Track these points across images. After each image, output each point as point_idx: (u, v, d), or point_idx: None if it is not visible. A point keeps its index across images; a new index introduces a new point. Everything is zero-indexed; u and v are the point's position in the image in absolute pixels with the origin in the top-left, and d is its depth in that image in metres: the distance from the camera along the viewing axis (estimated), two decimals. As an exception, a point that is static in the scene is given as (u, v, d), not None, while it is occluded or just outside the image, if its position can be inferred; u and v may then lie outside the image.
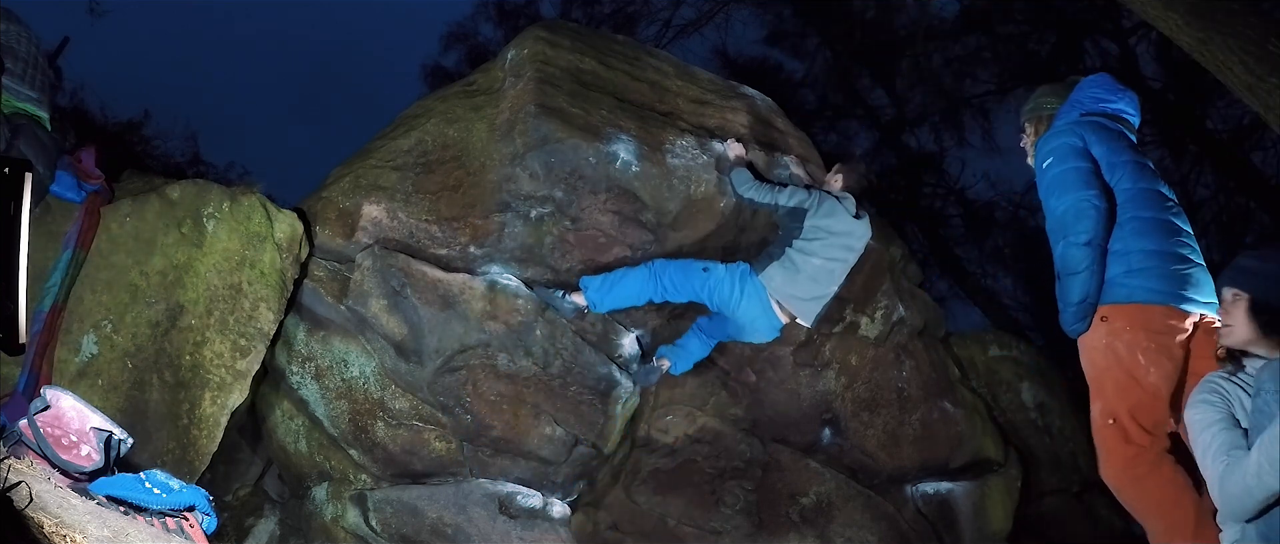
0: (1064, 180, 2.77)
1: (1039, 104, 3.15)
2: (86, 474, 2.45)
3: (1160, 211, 2.75)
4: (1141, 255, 2.67)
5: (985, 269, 10.71)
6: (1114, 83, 3.02)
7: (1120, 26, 9.45)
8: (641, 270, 3.99)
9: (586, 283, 4.01)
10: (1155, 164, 3.00)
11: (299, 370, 3.97)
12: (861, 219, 4.16)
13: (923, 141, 11.08)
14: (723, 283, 3.92)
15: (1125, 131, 2.93)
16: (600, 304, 4.00)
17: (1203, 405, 2.16)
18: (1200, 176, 10.05)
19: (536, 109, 4.05)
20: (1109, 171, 2.79)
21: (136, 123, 11.21)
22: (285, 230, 3.89)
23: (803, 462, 4.47)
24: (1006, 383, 5.57)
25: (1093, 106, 2.95)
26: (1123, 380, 2.63)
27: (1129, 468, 2.64)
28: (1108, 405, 2.68)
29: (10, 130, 2.99)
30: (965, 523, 4.71)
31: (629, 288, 3.96)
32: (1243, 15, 3.75)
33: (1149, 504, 2.63)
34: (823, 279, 4.03)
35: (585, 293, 4.00)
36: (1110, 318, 2.67)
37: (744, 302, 3.90)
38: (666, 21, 10.46)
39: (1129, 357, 2.62)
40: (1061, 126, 2.91)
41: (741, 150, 4.27)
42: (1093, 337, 2.72)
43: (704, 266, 3.97)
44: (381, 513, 3.83)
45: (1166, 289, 2.64)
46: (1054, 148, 2.85)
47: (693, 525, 4.20)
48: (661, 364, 4.20)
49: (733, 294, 3.90)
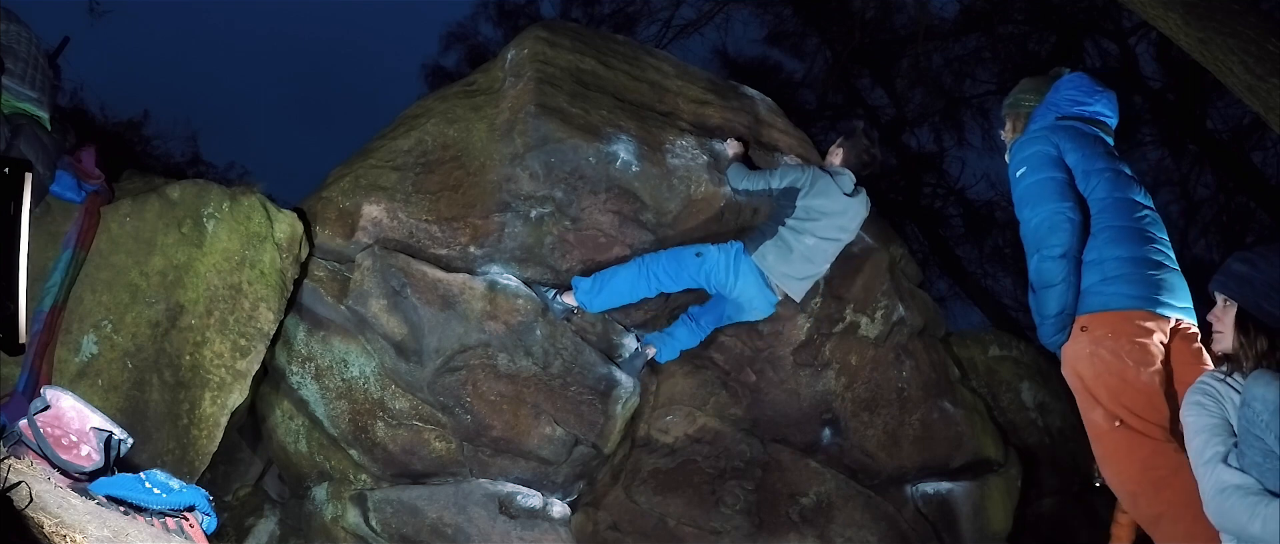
0: (1038, 191, 2.76)
1: (1017, 100, 3.11)
2: (86, 474, 2.46)
3: (1133, 220, 2.74)
4: (1116, 262, 2.66)
5: (985, 269, 10.72)
6: (1091, 83, 2.98)
7: (1120, 26, 9.46)
8: (631, 267, 3.98)
9: (577, 283, 4.01)
10: (1155, 164, 3.00)
11: (299, 370, 3.97)
12: (857, 196, 4.12)
13: (923, 141, 11.10)
14: (717, 264, 3.92)
15: (1101, 135, 2.90)
16: (592, 304, 4.00)
17: (1196, 408, 2.13)
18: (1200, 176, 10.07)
19: (536, 109, 4.05)
20: (1083, 179, 2.77)
21: (136, 123, 11.22)
22: (285, 230, 3.89)
23: (803, 462, 4.47)
24: (1006, 383, 5.57)
25: (1069, 109, 2.92)
26: (1115, 384, 2.60)
27: (1148, 470, 2.51)
28: (1108, 410, 2.62)
29: (10, 130, 3.00)
30: (965, 523, 4.71)
31: (620, 286, 3.95)
32: (1243, 15, 3.75)
33: (1166, 510, 2.46)
34: (816, 258, 4.05)
35: (576, 293, 4.00)
36: (1090, 327, 2.65)
37: (740, 281, 3.92)
38: (666, 21, 10.48)
39: (1115, 361, 2.59)
40: (1036, 132, 2.88)
41: (740, 148, 4.27)
42: (1075, 348, 2.70)
43: (696, 251, 3.96)
44: (381, 513, 3.83)
45: (1142, 294, 2.62)
46: (1027, 157, 2.83)
47: (693, 525, 4.20)
48: (646, 351, 4.19)
49: (728, 274, 3.91)
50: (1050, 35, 9.73)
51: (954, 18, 9.91)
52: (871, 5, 10.00)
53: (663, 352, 4.21)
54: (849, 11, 10.10)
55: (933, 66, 10.29)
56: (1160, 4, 3.91)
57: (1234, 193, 9.87)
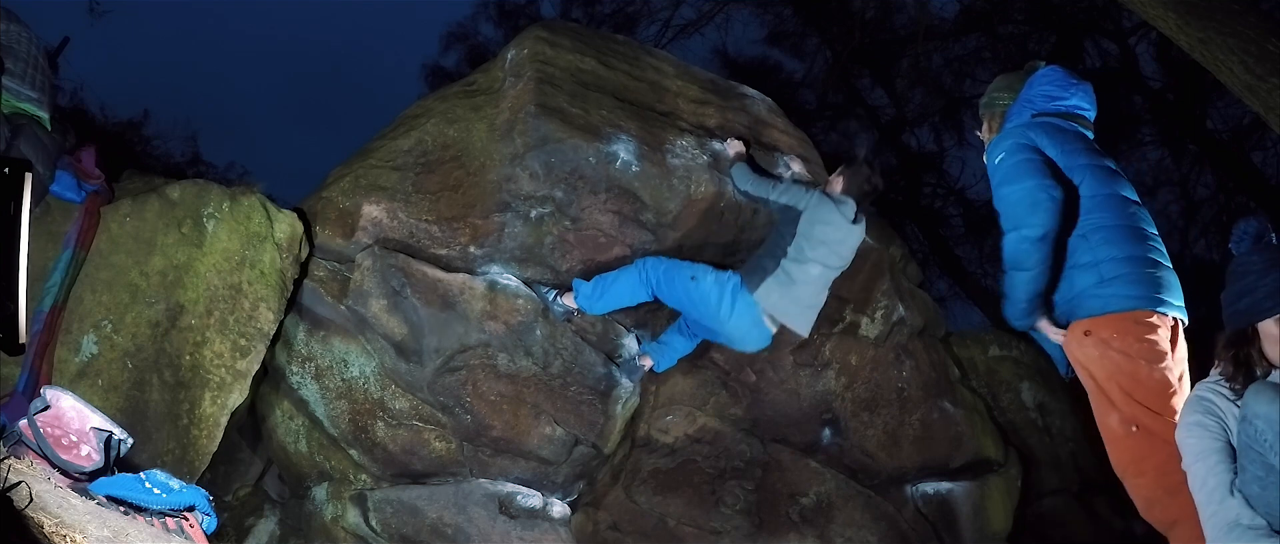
0: (1017, 169, 2.65)
1: (992, 99, 3.02)
2: (86, 474, 2.46)
3: (1126, 217, 2.66)
4: (1112, 263, 2.59)
5: (985, 269, 10.72)
6: (1065, 77, 2.88)
7: (1120, 26, 9.47)
8: (632, 271, 3.89)
9: (578, 286, 3.97)
10: (1155, 164, 2.97)
11: (299, 370, 3.97)
12: (858, 224, 3.97)
13: (923, 141, 11.11)
14: (710, 295, 3.72)
15: (1081, 130, 2.82)
16: (592, 308, 3.97)
17: (1196, 430, 2.07)
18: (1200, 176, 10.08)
19: (536, 109, 4.05)
20: (1066, 176, 2.68)
21: (136, 123, 11.22)
22: (285, 230, 3.89)
23: (803, 462, 4.47)
24: (1006, 383, 5.57)
25: (1045, 105, 2.83)
26: (1128, 383, 2.53)
27: (1164, 476, 2.41)
28: (1124, 413, 2.53)
29: (10, 130, 3.00)
30: (965, 523, 4.71)
31: (620, 289, 3.89)
32: (1242, 15, 3.74)
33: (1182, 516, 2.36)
34: (819, 287, 3.89)
35: (577, 297, 3.97)
36: (1094, 330, 2.58)
37: (734, 317, 3.72)
38: (666, 21, 10.49)
39: (1126, 361, 2.54)
40: (1012, 130, 2.79)
41: (742, 147, 4.25)
42: (1084, 351, 2.62)
43: (691, 274, 3.78)
44: (381, 513, 3.83)
45: (1143, 293, 2.57)
46: (1006, 146, 2.74)
47: (693, 525, 4.20)
48: (644, 363, 4.15)
49: (721, 308, 3.71)
50: (1050, 35, 9.73)
51: (954, 18, 9.91)
52: (871, 5, 10.01)
53: (660, 361, 4.18)
54: (849, 11, 10.10)
55: (933, 66, 10.29)
56: (1159, 4, 3.90)
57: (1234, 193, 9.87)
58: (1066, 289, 2.68)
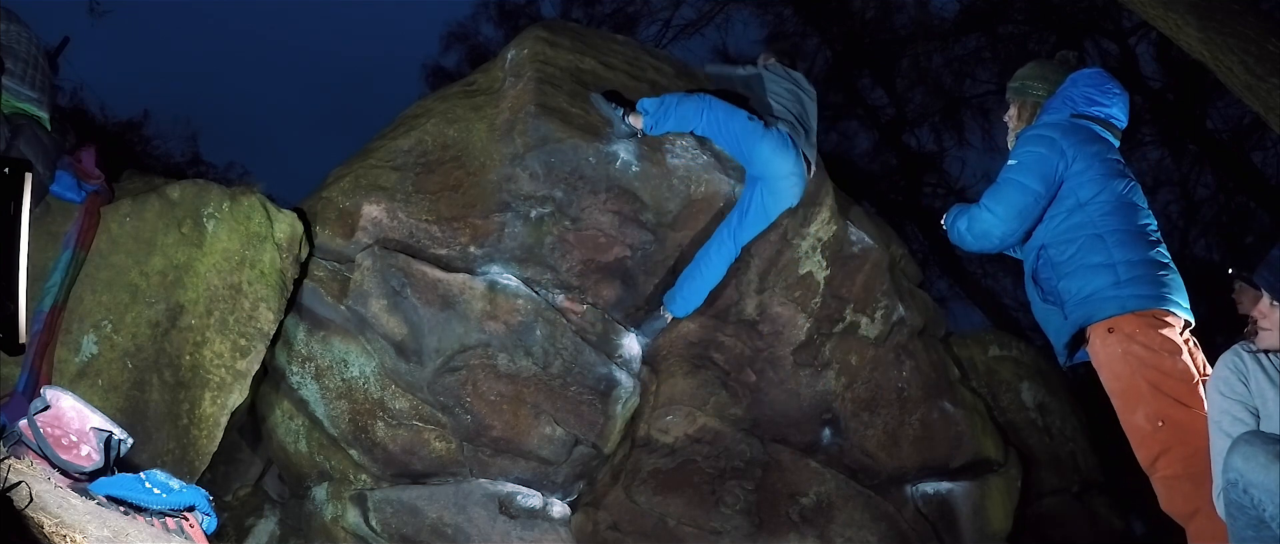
0: (1030, 161, 2.81)
1: (1026, 87, 3.07)
2: (86, 474, 2.46)
3: (1138, 223, 2.76)
4: (1127, 266, 2.67)
5: (985, 269, 10.71)
6: (1107, 82, 2.95)
7: (1120, 26, 9.46)
8: (697, 98, 4.09)
9: (644, 106, 4.09)
10: (1155, 164, 3.02)
11: (299, 370, 3.97)
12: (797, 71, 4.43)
13: (923, 141, 11.08)
14: (768, 135, 3.99)
15: (1111, 138, 2.91)
16: (657, 127, 4.09)
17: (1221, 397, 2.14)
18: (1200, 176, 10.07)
19: (536, 109, 4.05)
20: (1091, 181, 2.76)
21: (136, 123, 11.21)
22: (285, 230, 3.89)
23: (803, 462, 4.47)
24: (1006, 383, 5.57)
25: (1085, 109, 2.89)
26: (1155, 376, 2.57)
27: (1189, 465, 2.47)
28: (1150, 409, 2.57)
29: (10, 130, 3.00)
30: (965, 523, 4.71)
31: (686, 111, 4.06)
32: (1243, 15, 3.75)
33: (1203, 506, 2.39)
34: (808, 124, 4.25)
35: (644, 115, 4.07)
36: (1117, 328, 2.64)
37: (780, 153, 3.98)
38: (667, 22, 10.48)
39: (1150, 354, 2.58)
40: (1049, 125, 2.86)
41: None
42: (1107, 350, 2.67)
43: (749, 115, 4.05)
44: (381, 513, 3.83)
45: (1157, 294, 2.64)
46: (1033, 137, 2.85)
47: (693, 525, 4.20)
48: (665, 317, 4.23)
49: (773, 144, 3.97)
50: (1050, 35, 9.72)
51: (954, 18, 9.91)
52: (871, 5, 10.01)
53: (686, 302, 4.19)
54: (849, 11, 10.10)
55: (933, 66, 10.29)
56: (1160, 4, 3.90)
57: (1234, 193, 9.87)
58: (1081, 288, 2.72)
